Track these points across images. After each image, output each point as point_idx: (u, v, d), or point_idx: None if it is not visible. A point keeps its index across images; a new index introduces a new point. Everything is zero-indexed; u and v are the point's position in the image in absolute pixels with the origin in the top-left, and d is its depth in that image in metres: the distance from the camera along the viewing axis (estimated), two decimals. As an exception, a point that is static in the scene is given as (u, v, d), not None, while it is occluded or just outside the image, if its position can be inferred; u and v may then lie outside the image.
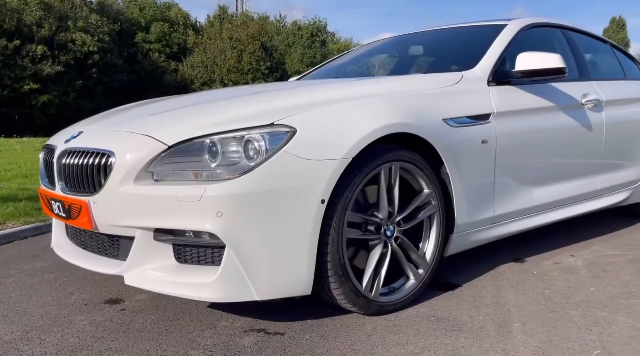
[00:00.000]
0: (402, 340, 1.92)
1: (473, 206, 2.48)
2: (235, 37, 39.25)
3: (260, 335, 1.94)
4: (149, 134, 1.88)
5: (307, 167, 1.85)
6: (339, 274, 1.97)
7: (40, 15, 29.56)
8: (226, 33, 39.73)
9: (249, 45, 39.05)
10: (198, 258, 1.85)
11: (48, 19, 29.81)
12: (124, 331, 1.94)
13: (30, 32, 28.65)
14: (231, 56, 38.43)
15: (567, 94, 2.98)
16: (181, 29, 41.34)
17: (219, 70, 38.47)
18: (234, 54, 38.58)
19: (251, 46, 39.04)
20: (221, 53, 38.72)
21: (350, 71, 3.55)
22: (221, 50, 38.84)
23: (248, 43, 39.14)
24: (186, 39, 40.85)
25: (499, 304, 2.27)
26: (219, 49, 38.89)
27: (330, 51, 42.90)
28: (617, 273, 2.67)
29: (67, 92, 29.68)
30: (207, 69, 38.67)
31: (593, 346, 1.86)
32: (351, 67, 3.61)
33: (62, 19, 30.56)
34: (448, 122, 2.34)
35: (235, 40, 39.13)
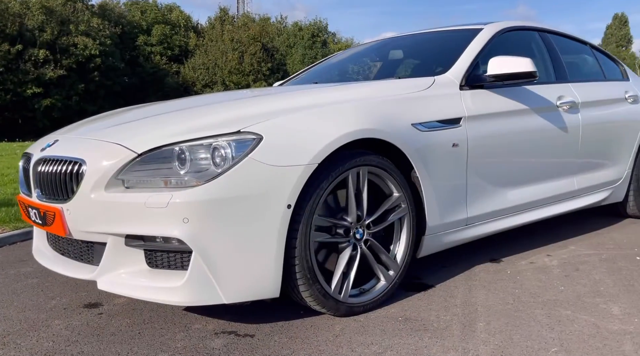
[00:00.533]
0: (368, 340, 1.98)
1: (445, 208, 2.53)
2: (237, 38, 39.39)
3: (230, 337, 2.00)
4: (119, 143, 1.95)
5: (273, 174, 1.91)
6: (307, 277, 2.04)
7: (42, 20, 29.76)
8: (227, 35, 39.87)
9: (250, 46, 39.17)
10: (168, 262, 1.92)
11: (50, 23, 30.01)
12: (98, 335, 2.01)
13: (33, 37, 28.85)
14: (232, 58, 38.57)
15: (541, 96, 3.04)
16: (182, 32, 41.51)
17: (220, 72, 38.61)
18: (235, 55, 38.71)
19: (252, 48, 39.17)
20: (222, 55, 38.86)
21: (331, 75, 3.61)
22: (222, 52, 38.98)
23: (249, 44, 39.27)
24: (187, 41, 41.01)
25: (468, 304, 2.33)
26: (220, 50, 39.03)
27: (331, 51, 42.95)
28: (589, 272, 2.72)
29: (69, 95, 29.86)
30: (208, 71, 38.82)
31: (552, 344, 1.92)
32: (332, 72, 3.67)
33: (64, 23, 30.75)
34: (417, 126, 2.40)
35: (237, 41, 39.26)
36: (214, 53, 39.15)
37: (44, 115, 28.81)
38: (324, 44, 44.16)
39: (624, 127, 3.60)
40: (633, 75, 4.11)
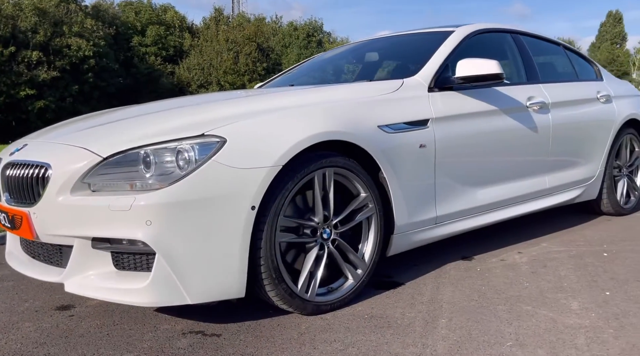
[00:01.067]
0: (331, 337, 2.04)
1: (413, 208, 2.59)
2: (232, 39, 39.36)
3: (197, 336, 2.05)
4: (85, 147, 2.01)
5: (237, 176, 1.96)
6: (272, 277, 2.09)
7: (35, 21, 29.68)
8: (222, 35, 39.82)
9: (245, 46, 39.14)
10: (135, 264, 1.97)
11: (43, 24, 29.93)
12: (66, 337, 2.05)
13: (26, 38, 28.77)
14: (227, 58, 38.53)
15: (510, 97, 3.10)
16: (177, 32, 41.45)
17: (215, 72, 38.57)
18: (230, 55, 38.66)
19: (247, 48, 39.14)
20: (217, 55, 38.82)
21: (308, 78, 3.67)
22: (217, 53, 38.93)
23: (244, 45, 39.23)
24: (182, 41, 40.96)
25: (434, 301, 2.39)
26: (215, 51, 38.98)
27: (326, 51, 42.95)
28: (555, 269, 2.78)
29: (63, 97, 29.79)
30: (203, 72, 38.78)
31: (508, 338, 1.98)
32: (310, 74, 3.72)
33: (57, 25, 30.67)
34: (383, 128, 2.46)
35: (232, 42, 39.24)
36: (209, 53, 39.10)
37: (37, 117, 28.73)
38: (320, 43, 44.19)
39: (596, 126, 3.67)
40: (608, 75, 4.18)
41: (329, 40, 47.21)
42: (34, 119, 28.84)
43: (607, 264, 2.84)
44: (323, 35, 46.59)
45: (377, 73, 3.39)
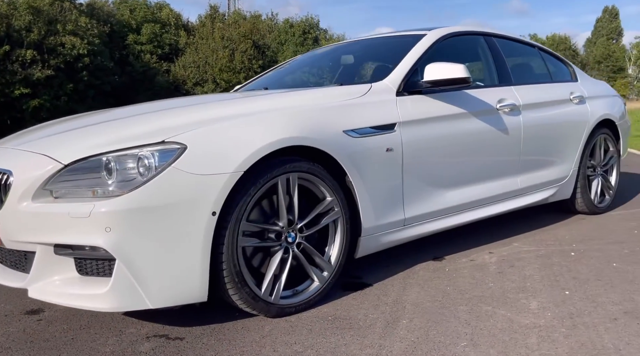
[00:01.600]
0: (292, 339, 2.09)
1: (381, 210, 2.64)
2: (227, 36, 39.32)
3: (160, 340, 2.10)
4: (46, 153, 2.05)
5: (197, 182, 2.01)
6: (234, 281, 2.14)
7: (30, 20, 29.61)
8: (218, 32, 39.76)
9: (241, 44, 39.10)
10: (97, 270, 2.01)
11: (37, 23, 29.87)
12: (31, 342, 2.09)
13: (20, 37, 28.71)
14: (223, 56, 38.49)
15: (480, 100, 3.14)
16: (173, 30, 41.40)
17: (211, 70, 38.54)
18: (226, 53, 38.63)
19: (243, 45, 39.10)
20: (213, 53, 38.77)
21: (284, 81, 3.71)
22: (213, 50, 38.89)
23: (240, 42, 39.20)
24: (178, 39, 40.92)
25: (398, 302, 2.44)
26: (210, 48, 38.94)
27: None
28: (522, 269, 2.84)
29: (58, 96, 29.76)
30: (199, 69, 38.75)
31: (463, 339, 2.03)
32: (286, 77, 3.76)
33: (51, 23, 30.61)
34: (349, 133, 2.50)
35: (227, 39, 39.20)
36: (204, 51, 39.06)
37: (32, 116, 28.70)
38: (316, 40, 44.19)
39: (569, 127, 3.71)
40: (583, 76, 4.23)
41: (325, 37, 47.21)
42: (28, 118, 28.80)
43: (572, 263, 2.89)
44: (319, 33, 46.59)
45: (350, 77, 3.43)
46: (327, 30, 49.36)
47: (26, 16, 30.31)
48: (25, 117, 28.69)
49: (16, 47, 29.00)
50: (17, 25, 29.71)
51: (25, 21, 30.22)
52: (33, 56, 29.03)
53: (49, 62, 29.83)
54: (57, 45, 30.34)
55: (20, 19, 30.02)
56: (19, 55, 28.97)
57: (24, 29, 29.74)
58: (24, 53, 28.97)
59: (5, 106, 28.53)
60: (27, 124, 29.63)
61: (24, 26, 29.91)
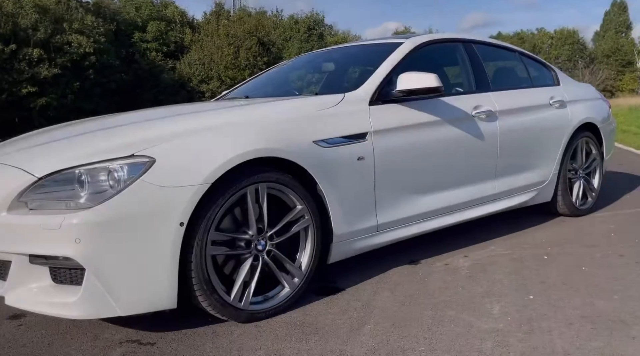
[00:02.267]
0: (258, 345, 2.17)
1: (352, 217, 2.71)
2: (232, 33, 39.42)
3: (132, 345, 2.19)
4: (20, 166, 2.14)
5: (164, 194, 2.09)
6: (203, 289, 2.23)
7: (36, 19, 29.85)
8: (223, 29, 39.89)
9: (246, 41, 39.21)
10: (71, 278, 2.11)
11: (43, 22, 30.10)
12: (9, 347, 2.18)
13: (26, 36, 28.96)
14: (228, 53, 38.62)
15: (455, 107, 3.20)
16: (178, 27, 41.56)
17: (216, 67, 38.69)
18: (231, 50, 38.76)
19: (248, 42, 39.20)
20: (218, 50, 38.91)
21: (266, 88, 3.78)
22: (218, 47, 39.02)
23: (245, 39, 39.30)
24: (183, 37, 41.08)
25: (367, 307, 2.52)
26: (215, 46, 39.08)
27: (327, 44, 42.98)
28: (493, 273, 2.90)
29: (65, 94, 30.02)
30: (204, 67, 38.90)
31: (422, 344, 2.11)
32: (268, 85, 3.84)
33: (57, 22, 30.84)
34: (319, 143, 2.57)
35: (232, 36, 39.31)
36: (209, 48, 39.21)
37: (39, 114, 28.99)
38: (321, 37, 44.21)
39: (548, 131, 3.76)
40: (566, 80, 4.26)
41: (331, 34, 47.19)
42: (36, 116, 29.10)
43: (543, 267, 2.96)
44: (324, 29, 46.59)
45: (328, 85, 3.50)
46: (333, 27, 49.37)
47: (32, 15, 30.55)
48: (33, 115, 28.98)
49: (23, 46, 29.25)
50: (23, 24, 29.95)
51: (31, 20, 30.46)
52: (40, 55, 29.29)
53: (56, 61, 30.09)
54: (63, 44, 30.57)
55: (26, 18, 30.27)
56: (26, 54, 29.23)
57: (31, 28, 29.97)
58: (30, 52, 29.22)
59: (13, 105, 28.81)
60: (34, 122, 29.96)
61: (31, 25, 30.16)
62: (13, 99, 28.82)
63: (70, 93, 30.99)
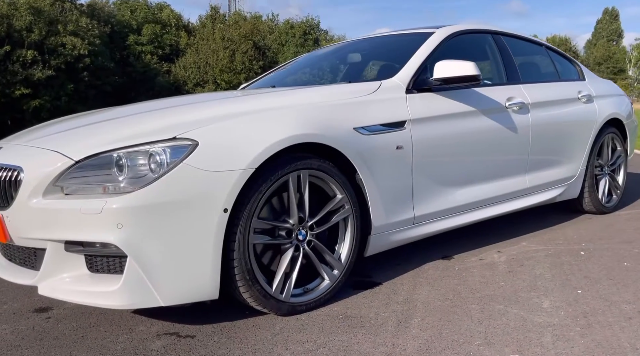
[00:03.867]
0: (304, 338, 2.07)
1: (390, 208, 2.62)
2: (228, 37, 39.33)
3: (171, 338, 2.08)
4: (57, 150, 2.03)
5: (208, 179, 1.99)
6: (246, 279, 2.12)
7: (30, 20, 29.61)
8: (218, 33, 39.79)
9: (242, 45, 39.12)
10: (108, 267, 1.99)
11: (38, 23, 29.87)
12: (41, 340, 2.07)
13: (21, 37, 28.71)
14: (224, 56, 38.50)
15: (489, 98, 3.13)
16: (173, 31, 41.44)
17: (211, 70, 38.55)
18: (227, 54, 38.65)
19: (244, 46, 39.11)
20: (213, 53, 38.78)
21: (291, 79, 3.69)
22: (213, 51, 38.89)
23: (240, 43, 39.21)
24: (178, 40, 40.95)
25: (409, 301, 2.42)
26: (211, 49, 38.95)
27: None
28: (532, 268, 2.82)
29: (58, 96, 29.76)
30: (199, 70, 38.75)
31: (477, 337, 2.01)
32: (293, 75, 3.75)
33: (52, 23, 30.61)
34: (359, 130, 2.48)
35: (228, 40, 39.21)
36: (205, 52, 39.07)
37: (33, 116, 28.69)
38: (316, 41, 44.22)
39: (577, 126, 3.70)
40: (590, 75, 4.21)
41: (326, 38, 47.23)
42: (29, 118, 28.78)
43: (582, 262, 2.88)
44: (320, 33, 46.62)
45: (358, 74, 3.41)
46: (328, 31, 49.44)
47: (27, 16, 30.31)
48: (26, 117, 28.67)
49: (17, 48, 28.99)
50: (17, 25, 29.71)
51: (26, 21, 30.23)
52: (34, 56, 29.03)
53: (50, 63, 29.84)
54: (57, 46, 30.34)
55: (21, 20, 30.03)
56: (20, 56, 28.96)
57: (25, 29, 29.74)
58: (24, 53, 28.96)
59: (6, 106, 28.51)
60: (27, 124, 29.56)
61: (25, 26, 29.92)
62: (6, 100, 28.52)
63: (64, 95, 30.73)
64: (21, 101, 28.20)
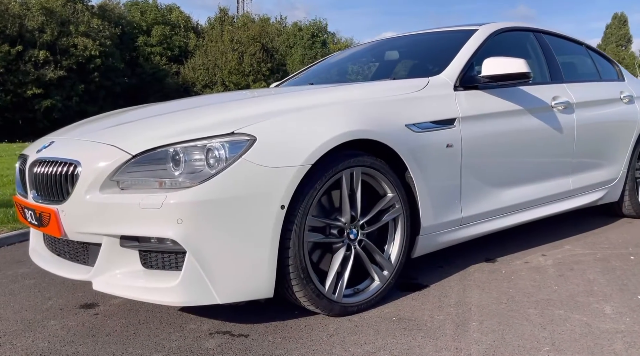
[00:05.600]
0: (361, 339, 2.00)
1: (439, 209, 2.54)
2: (236, 39, 39.42)
3: (225, 337, 2.01)
4: (114, 144, 1.97)
5: (267, 175, 1.92)
6: (300, 277, 2.05)
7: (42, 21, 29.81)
8: (227, 35, 39.91)
9: (250, 47, 39.21)
10: (163, 263, 1.93)
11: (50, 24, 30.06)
12: (93, 336, 2.02)
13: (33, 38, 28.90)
14: (232, 58, 38.61)
15: (535, 97, 3.05)
16: (182, 32, 41.60)
17: (220, 72, 38.66)
18: (235, 56, 38.75)
19: (252, 48, 39.21)
20: (222, 55, 38.90)
21: (327, 76, 3.62)
22: (222, 53, 39.02)
23: (249, 45, 39.30)
24: (187, 41, 41.10)
25: (461, 304, 2.34)
26: (220, 51, 39.08)
27: (331, 51, 43.05)
28: (583, 272, 2.73)
29: (69, 96, 29.92)
30: (208, 72, 38.87)
31: (544, 343, 1.93)
32: (329, 73, 3.68)
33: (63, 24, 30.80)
34: (411, 127, 2.41)
35: (236, 42, 39.30)
36: (213, 53, 39.19)
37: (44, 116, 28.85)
38: (324, 44, 44.24)
39: (619, 127, 3.61)
40: (629, 75, 4.12)
41: (334, 41, 47.24)
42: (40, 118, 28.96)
43: (635, 267, 2.79)
44: (327, 36, 46.63)
45: (399, 71, 3.34)
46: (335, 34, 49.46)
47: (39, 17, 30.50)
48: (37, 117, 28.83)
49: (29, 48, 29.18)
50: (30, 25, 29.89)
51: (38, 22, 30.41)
52: (46, 57, 29.20)
53: (62, 63, 30.01)
54: (69, 46, 30.52)
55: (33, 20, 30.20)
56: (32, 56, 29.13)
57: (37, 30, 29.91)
58: (36, 53, 29.14)
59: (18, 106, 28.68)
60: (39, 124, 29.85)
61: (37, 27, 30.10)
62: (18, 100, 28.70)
63: (75, 95, 30.89)
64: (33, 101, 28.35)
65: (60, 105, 29.66)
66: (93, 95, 31.94)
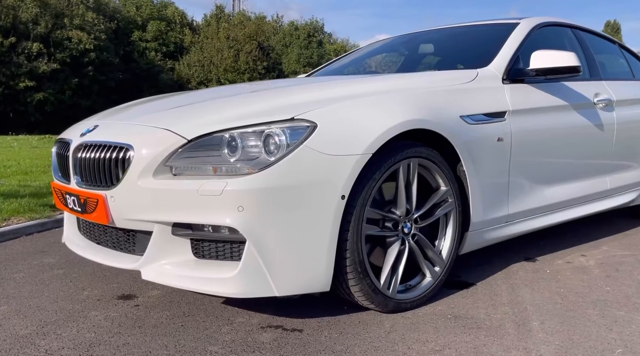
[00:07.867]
0: (422, 337, 1.90)
1: (488, 204, 2.46)
2: (232, 36, 39.19)
3: (278, 331, 1.91)
4: (168, 128, 1.85)
5: (328, 163, 1.82)
6: (357, 271, 1.95)
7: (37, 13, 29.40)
8: (223, 32, 39.66)
9: (246, 45, 38.99)
10: (216, 253, 1.82)
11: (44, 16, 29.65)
12: (139, 327, 1.92)
13: (26, 30, 28.48)
14: (228, 56, 38.37)
15: (579, 93, 2.97)
16: (178, 28, 41.28)
17: (215, 69, 38.41)
18: (231, 53, 38.51)
19: (248, 46, 38.99)
20: (218, 52, 38.65)
21: (359, 68, 3.53)
22: (218, 50, 38.77)
23: (245, 43, 39.09)
24: (183, 38, 40.79)
25: (515, 302, 2.25)
26: (215, 48, 38.82)
27: (327, 52, 42.99)
28: (630, 273, 2.66)
29: (62, 90, 29.52)
30: (203, 69, 38.60)
31: (615, 345, 1.85)
32: (360, 65, 3.59)
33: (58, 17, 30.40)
34: (465, 119, 2.32)
35: (232, 39, 39.07)
36: (209, 50, 38.93)
37: (36, 109, 28.45)
38: (320, 44, 44.11)
39: (655, 127, 3.54)
40: (659, 76, 4.06)
41: (330, 41, 47.15)
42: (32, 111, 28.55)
43: (682, 269, 2.72)
44: (324, 36, 46.52)
45: (439, 64, 3.25)
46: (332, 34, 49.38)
47: (33, 8, 30.08)
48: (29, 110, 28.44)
49: (22, 40, 28.75)
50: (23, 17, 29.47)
51: (32, 14, 29.99)
52: (39, 49, 28.80)
53: (55, 56, 29.62)
54: (63, 39, 30.13)
55: (27, 11, 29.79)
56: (25, 48, 28.71)
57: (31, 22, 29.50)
58: (30, 46, 28.73)
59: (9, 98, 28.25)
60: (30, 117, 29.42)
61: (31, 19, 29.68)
62: (10, 92, 28.28)
63: (68, 89, 30.49)
64: (25, 94, 27.94)
65: (52, 98, 29.27)
66: (86, 89, 31.55)
